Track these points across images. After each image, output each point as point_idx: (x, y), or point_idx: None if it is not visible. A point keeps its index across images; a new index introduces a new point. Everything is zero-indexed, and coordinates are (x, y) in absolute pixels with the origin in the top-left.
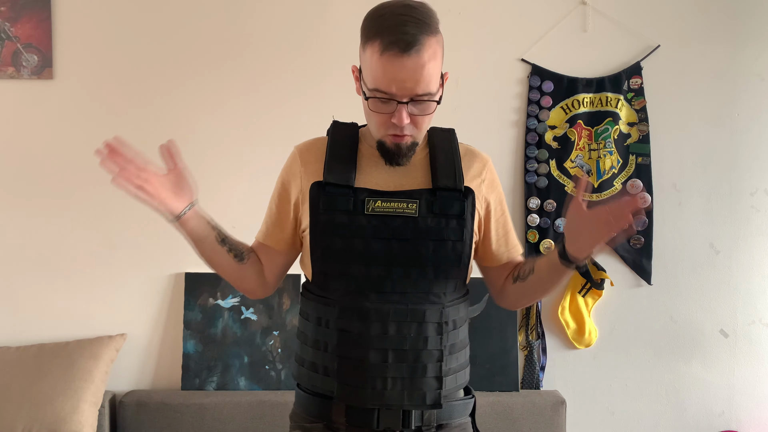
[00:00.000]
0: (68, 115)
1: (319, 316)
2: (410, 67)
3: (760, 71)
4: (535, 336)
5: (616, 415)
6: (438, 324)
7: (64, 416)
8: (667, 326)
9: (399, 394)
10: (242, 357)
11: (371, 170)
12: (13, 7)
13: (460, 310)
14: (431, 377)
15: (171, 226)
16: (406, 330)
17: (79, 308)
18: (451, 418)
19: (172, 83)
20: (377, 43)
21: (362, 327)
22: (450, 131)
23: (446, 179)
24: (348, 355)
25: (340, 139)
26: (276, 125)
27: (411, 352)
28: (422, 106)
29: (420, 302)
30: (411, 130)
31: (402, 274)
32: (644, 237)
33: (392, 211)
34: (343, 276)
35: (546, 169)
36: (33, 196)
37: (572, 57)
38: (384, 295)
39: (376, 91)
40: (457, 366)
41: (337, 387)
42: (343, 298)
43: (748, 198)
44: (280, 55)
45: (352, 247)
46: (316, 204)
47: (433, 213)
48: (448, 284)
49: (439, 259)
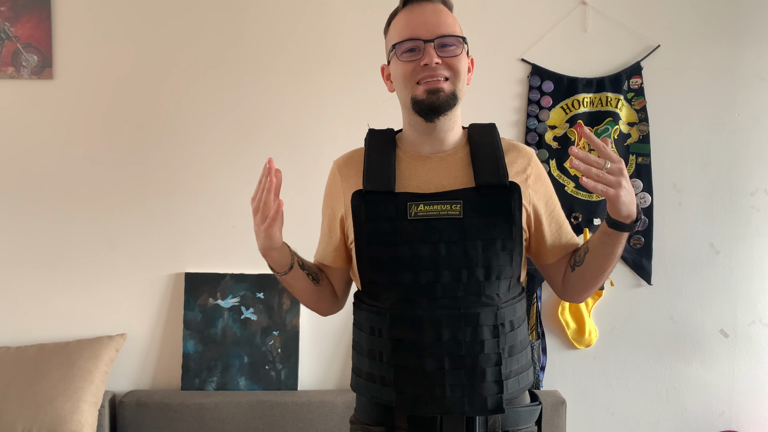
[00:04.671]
0: (68, 115)
1: (372, 326)
2: (431, 10)
3: (760, 71)
4: (535, 336)
5: (616, 415)
6: (494, 326)
7: (64, 416)
8: (667, 326)
9: (459, 401)
10: (242, 357)
11: (411, 173)
12: (13, 7)
13: (517, 310)
14: (491, 381)
15: (170, 226)
16: (461, 335)
17: (79, 308)
18: (517, 425)
19: (172, 83)
20: (400, 8)
21: (416, 335)
22: (491, 126)
23: (489, 175)
24: (404, 364)
25: (376, 147)
26: (276, 125)
27: (468, 357)
28: (450, 49)
29: (473, 305)
30: (445, 71)
31: (452, 277)
32: (644, 237)
33: (435, 214)
34: (392, 284)
35: (546, 169)
36: (33, 196)
37: (572, 57)
38: (435, 300)
39: (403, 43)
40: (519, 368)
41: (396, 397)
42: (394, 306)
43: (748, 198)
44: (281, 56)
45: (399, 254)
46: (359, 214)
47: (478, 212)
48: (501, 284)
49: (490, 259)
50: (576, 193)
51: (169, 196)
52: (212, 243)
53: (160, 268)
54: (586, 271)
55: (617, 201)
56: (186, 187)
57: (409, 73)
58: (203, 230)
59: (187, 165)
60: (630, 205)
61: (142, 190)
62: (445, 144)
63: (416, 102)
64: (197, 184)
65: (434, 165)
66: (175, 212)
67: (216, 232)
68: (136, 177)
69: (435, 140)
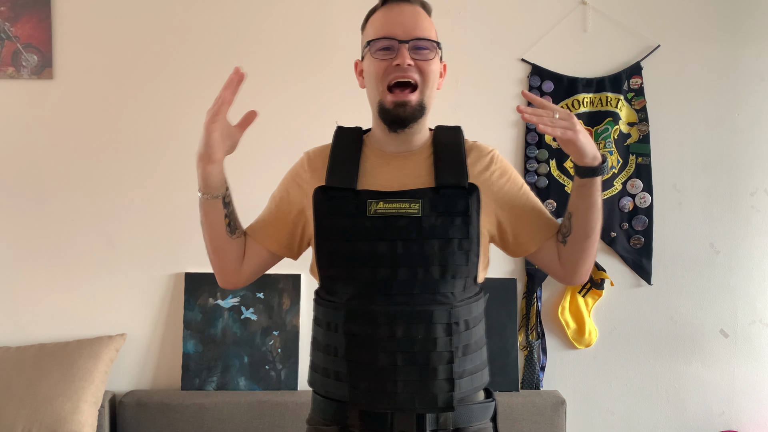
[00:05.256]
0: (68, 115)
1: (329, 321)
2: (409, 12)
3: (760, 71)
4: (535, 336)
5: (616, 415)
6: (447, 324)
7: (64, 416)
8: (667, 326)
9: (410, 397)
10: (242, 357)
11: (375, 172)
12: (13, 7)
13: (473, 310)
14: (442, 379)
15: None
16: (415, 332)
17: (79, 308)
18: (469, 422)
19: (171, 83)
20: (379, 6)
21: (370, 330)
22: (456, 128)
23: (450, 176)
24: (357, 359)
25: (343, 144)
26: (276, 124)
27: (420, 354)
28: (424, 53)
29: (427, 303)
30: (416, 74)
31: (408, 275)
32: (644, 237)
33: (395, 212)
34: (350, 279)
35: (546, 169)
36: (33, 196)
37: (572, 57)
38: (391, 297)
39: (378, 41)
40: (473, 367)
41: (349, 391)
42: (350, 301)
43: (748, 198)
44: (280, 55)
45: (357, 250)
46: (320, 209)
47: (437, 212)
48: (456, 283)
49: (446, 258)
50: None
51: (169, 196)
52: None
53: (160, 268)
54: (577, 235)
55: (577, 141)
56: (186, 187)
57: (381, 72)
58: None
59: (187, 165)
60: (591, 145)
61: (142, 190)
62: (411, 145)
63: (383, 110)
64: (197, 184)
65: (398, 164)
66: (175, 212)
67: None
68: (136, 177)
69: (401, 141)
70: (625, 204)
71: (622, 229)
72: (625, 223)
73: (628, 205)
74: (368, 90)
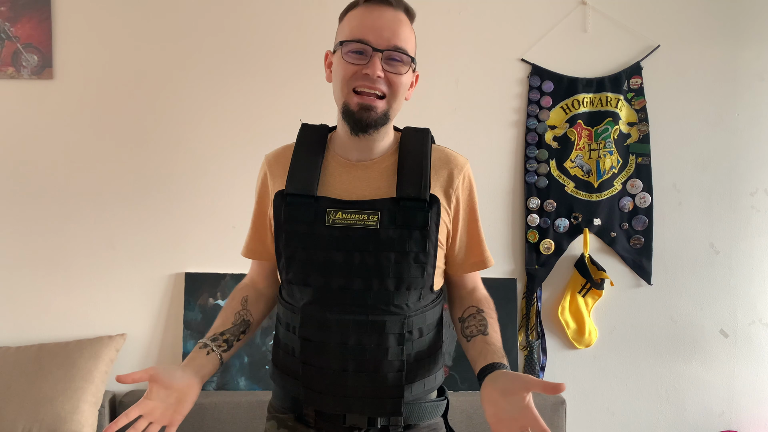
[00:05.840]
0: (68, 115)
1: (288, 322)
2: (389, 17)
3: (760, 71)
4: (535, 336)
5: (616, 415)
6: (400, 335)
7: (64, 416)
8: (667, 326)
9: (360, 402)
10: (242, 357)
11: (336, 177)
12: (13, 7)
13: (428, 318)
14: (392, 386)
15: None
16: (367, 341)
17: (79, 308)
18: (421, 419)
19: (172, 83)
20: (358, 4)
21: (323, 336)
22: (424, 132)
23: (411, 188)
24: (310, 362)
25: (306, 146)
26: (276, 125)
27: (371, 362)
28: (396, 66)
29: (381, 313)
30: (383, 86)
31: (363, 285)
32: (644, 237)
33: (353, 223)
34: (306, 286)
35: (546, 169)
36: (33, 196)
37: (572, 57)
38: (345, 306)
39: (352, 43)
40: (424, 371)
41: (303, 391)
42: (306, 306)
43: (748, 198)
44: (282, 57)
45: (313, 258)
46: (279, 214)
47: (395, 224)
48: (411, 295)
49: (401, 271)
50: (576, 193)
51: (169, 196)
52: (212, 243)
53: (160, 268)
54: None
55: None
56: (186, 187)
57: (348, 76)
58: (203, 230)
59: (187, 165)
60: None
61: (142, 190)
62: (374, 152)
63: (347, 112)
64: (197, 184)
65: (359, 174)
66: (175, 212)
67: (216, 232)
68: (136, 177)
69: (363, 147)
70: (625, 204)
71: (622, 229)
72: (625, 223)
73: (628, 205)
74: (334, 88)
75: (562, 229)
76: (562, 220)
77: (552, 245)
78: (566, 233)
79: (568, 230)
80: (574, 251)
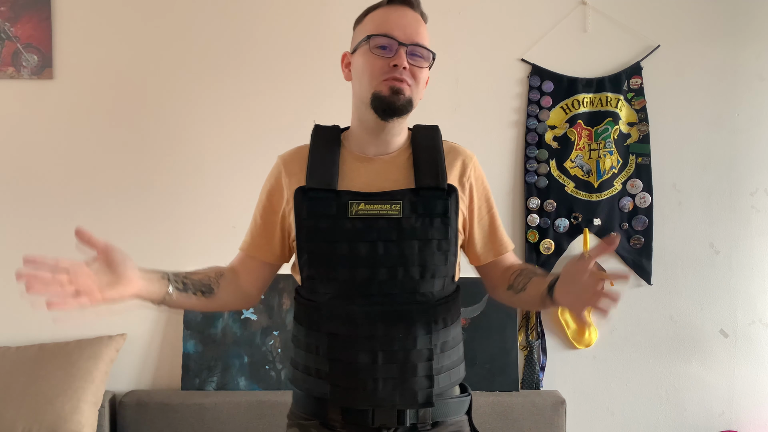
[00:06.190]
0: (68, 115)
1: (310, 320)
2: (412, 17)
3: (760, 71)
4: (535, 336)
5: (616, 415)
6: (427, 323)
7: (64, 416)
8: (667, 326)
9: (390, 394)
10: (242, 357)
11: (354, 172)
12: (13, 7)
13: (451, 308)
14: (422, 376)
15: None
16: (395, 331)
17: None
18: (447, 416)
19: (171, 83)
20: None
21: (350, 330)
22: (434, 128)
23: (429, 178)
24: (338, 357)
25: (321, 144)
26: (276, 125)
27: (400, 352)
28: (418, 60)
29: (407, 303)
30: (409, 78)
31: (388, 275)
32: (644, 237)
33: (375, 213)
34: (330, 280)
35: (546, 169)
36: (32, 195)
37: (572, 57)
38: (370, 297)
39: (380, 37)
40: (450, 363)
41: (330, 389)
42: (331, 301)
43: (748, 198)
44: (281, 57)
45: (337, 251)
46: (300, 210)
47: (417, 213)
48: (436, 283)
49: (425, 259)
50: (576, 193)
51: (169, 196)
52: (212, 243)
53: (159, 268)
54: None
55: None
56: (186, 187)
57: (377, 69)
58: (203, 230)
59: (187, 165)
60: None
61: (142, 190)
62: (390, 146)
63: (377, 98)
64: (197, 184)
65: (376, 167)
66: (175, 212)
67: (216, 232)
68: (136, 177)
69: (381, 142)
70: (625, 204)
71: (622, 229)
72: (625, 223)
73: (628, 205)
74: (357, 84)
75: (562, 229)
76: (562, 220)
77: (552, 245)
78: (566, 233)
79: (568, 230)
80: (574, 251)
